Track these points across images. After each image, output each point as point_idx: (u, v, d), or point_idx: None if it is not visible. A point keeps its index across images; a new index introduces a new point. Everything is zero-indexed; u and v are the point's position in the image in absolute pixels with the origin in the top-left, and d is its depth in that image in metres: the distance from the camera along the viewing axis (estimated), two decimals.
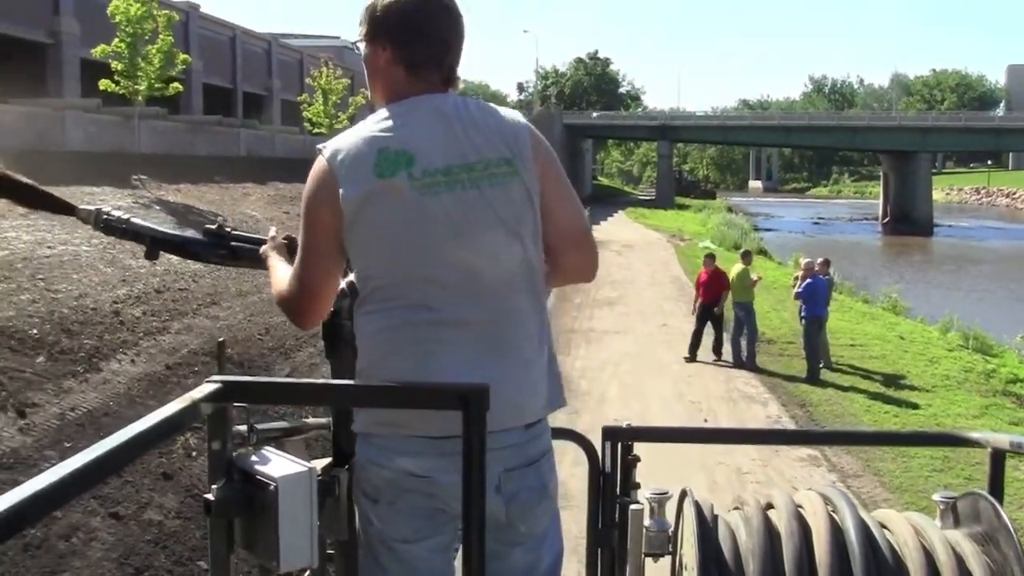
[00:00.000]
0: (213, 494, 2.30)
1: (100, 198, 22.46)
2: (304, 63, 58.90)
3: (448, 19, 2.75)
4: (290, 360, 11.80)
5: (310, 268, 2.66)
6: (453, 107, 2.70)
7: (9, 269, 13.69)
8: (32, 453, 8.03)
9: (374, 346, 2.61)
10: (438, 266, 2.57)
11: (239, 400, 2.36)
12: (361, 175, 2.56)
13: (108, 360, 10.63)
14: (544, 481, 2.70)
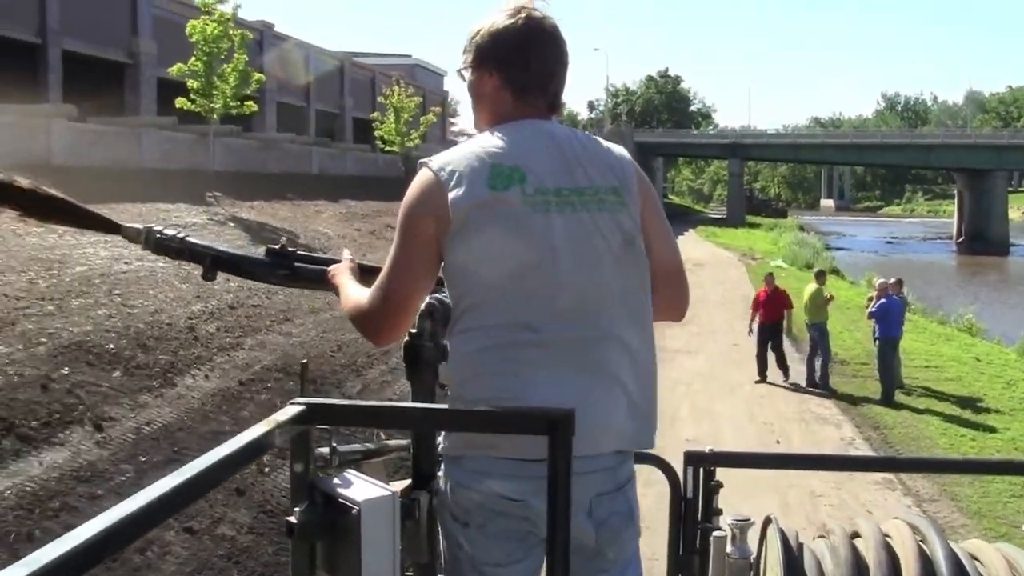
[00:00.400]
0: (296, 517, 2.29)
1: (175, 215, 22.78)
2: (376, 81, 59.32)
3: (554, 46, 2.75)
4: (361, 377, 11.85)
5: (399, 280, 2.63)
6: (562, 133, 2.71)
7: (87, 284, 13.92)
8: (109, 467, 8.13)
9: (471, 366, 2.56)
10: (546, 286, 2.54)
11: (322, 423, 2.35)
12: (473, 186, 2.54)
13: (183, 375, 10.75)
14: (631, 506, 2.66)
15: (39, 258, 15.19)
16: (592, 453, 2.48)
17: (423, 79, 71.01)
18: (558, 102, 2.78)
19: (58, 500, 7.39)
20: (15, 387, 9.07)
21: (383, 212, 34.61)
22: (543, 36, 2.73)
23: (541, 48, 2.73)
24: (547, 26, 2.75)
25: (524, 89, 2.71)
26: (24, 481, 7.55)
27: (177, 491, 1.55)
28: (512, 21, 2.71)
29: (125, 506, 1.44)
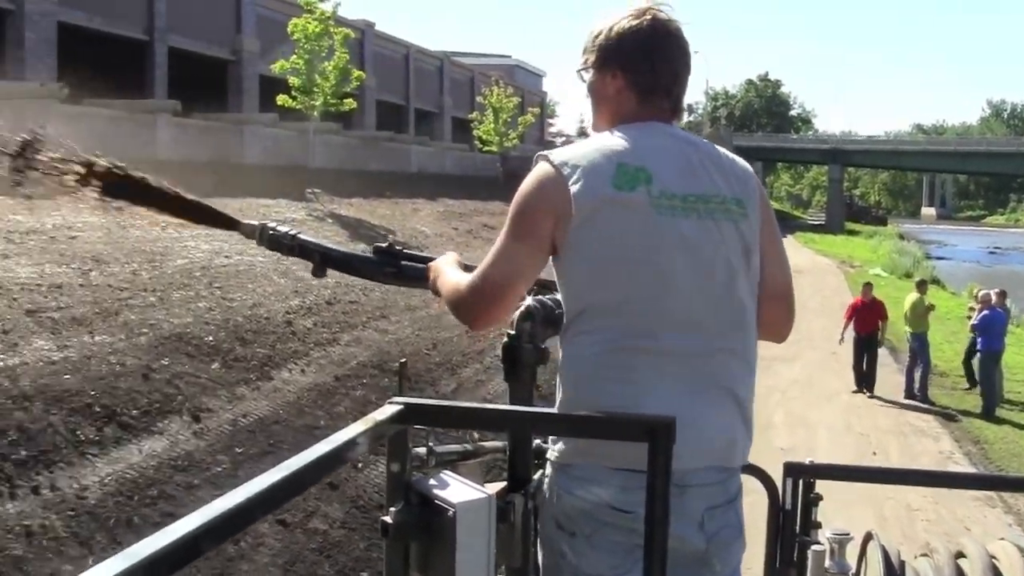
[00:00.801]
0: (391, 517, 2.27)
1: (275, 211, 23.07)
2: (475, 81, 59.61)
3: (680, 48, 2.70)
4: (456, 376, 11.88)
5: (501, 269, 2.58)
6: (687, 138, 2.67)
7: (188, 277, 14.14)
8: (205, 457, 8.24)
9: (584, 370, 2.51)
10: (668, 292, 2.48)
11: (419, 423, 2.33)
12: (596, 184, 2.48)
13: (279, 369, 10.86)
14: (740, 519, 2.61)
15: (142, 250, 15.47)
16: (704, 466, 2.45)
17: (522, 79, 71.20)
18: (680, 106, 2.73)
19: (156, 488, 7.50)
20: (117, 376, 9.23)
21: (480, 211, 34.74)
22: (669, 38, 2.68)
23: (667, 50, 2.67)
24: (673, 28, 2.69)
25: (649, 91, 2.65)
26: (124, 468, 7.67)
27: (277, 487, 1.55)
28: (638, 22, 2.65)
29: (227, 500, 1.43)
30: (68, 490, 7.15)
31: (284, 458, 5.75)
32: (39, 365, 9.04)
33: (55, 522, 6.69)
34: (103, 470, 7.58)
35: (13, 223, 15.25)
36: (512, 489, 2.65)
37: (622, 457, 2.40)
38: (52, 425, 7.95)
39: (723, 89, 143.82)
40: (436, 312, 15.80)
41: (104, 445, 7.97)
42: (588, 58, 2.74)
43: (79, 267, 13.28)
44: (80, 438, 7.92)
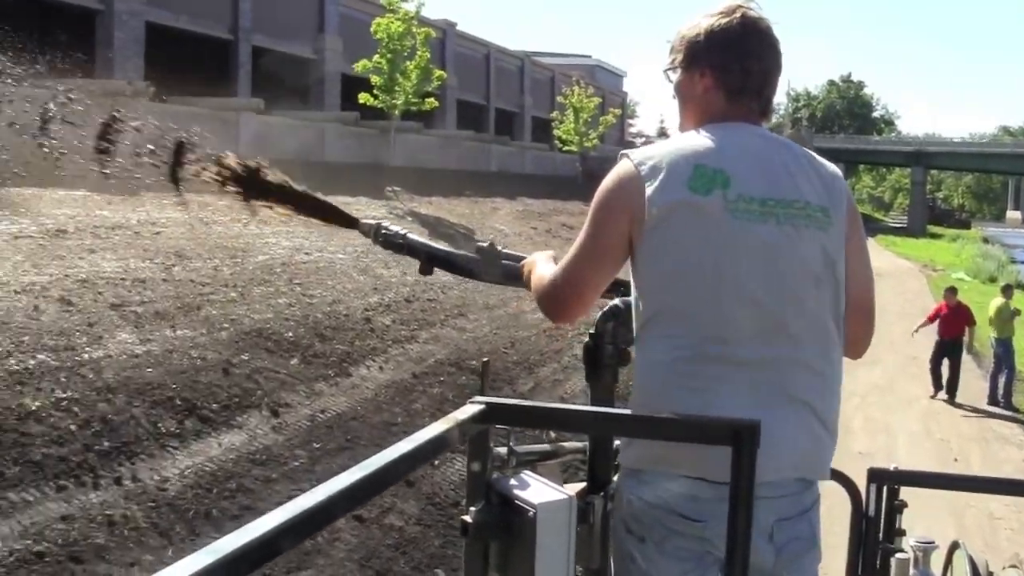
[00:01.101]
0: (471, 516, 2.25)
1: (355, 208, 23.22)
2: (556, 81, 59.59)
3: (770, 47, 2.64)
4: (533, 375, 11.85)
5: (583, 263, 2.56)
6: (774, 141, 2.61)
7: (269, 273, 14.29)
8: (284, 452, 8.30)
9: (655, 375, 2.46)
10: (741, 299, 2.42)
11: (501, 423, 2.31)
12: (672, 185, 2.43)
13: (358, 365, 10.92)
14: (814, 531, 2.53)
15: (224, 246, 15.68)
16: (776, 479, 2.39)
17: (603, 79, 71.06)
18: (770, 107, 2.67)
19: (234, 481, 7.57)
20: (198, 370, 9.34)
21: (559, 211, 34.71)
22: (760, 37, 2.61)
23: (758, 49, 2.61)
24: (763, 26, 2.62)
25: (738, 91, 2.59)
26: (203, 461, 7.76)
27: (359, 485, 1.54)
28: (727, 20, 2.59)
29: (309, 497, 1.42)
30: (149, 481, 7.25)
31: (362, 454, 5.80)
32: (122, 358, 9.18)
33: (136, 513, 6.78)
34: (183, 462, 7.68)
35: (99, 218, 15.54)
36: (592, 490, 2.63)
37: (692, 465, 2.36)
38: (134, 417, 8.07)
39: (805, 90, 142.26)
40: (514, 311, 15.82)
41: (184, 438, 8.07)
42: (676, 57, 2.69)
43: (162, 262, 13.48)
44: (161, 430, 8.03)
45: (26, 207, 15.36)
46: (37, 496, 6.64)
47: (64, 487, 6.83)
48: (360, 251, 18.02)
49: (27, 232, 13.63)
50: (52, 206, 15.83)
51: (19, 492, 6.59)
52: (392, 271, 16.87)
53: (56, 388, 8.13)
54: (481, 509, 2.27)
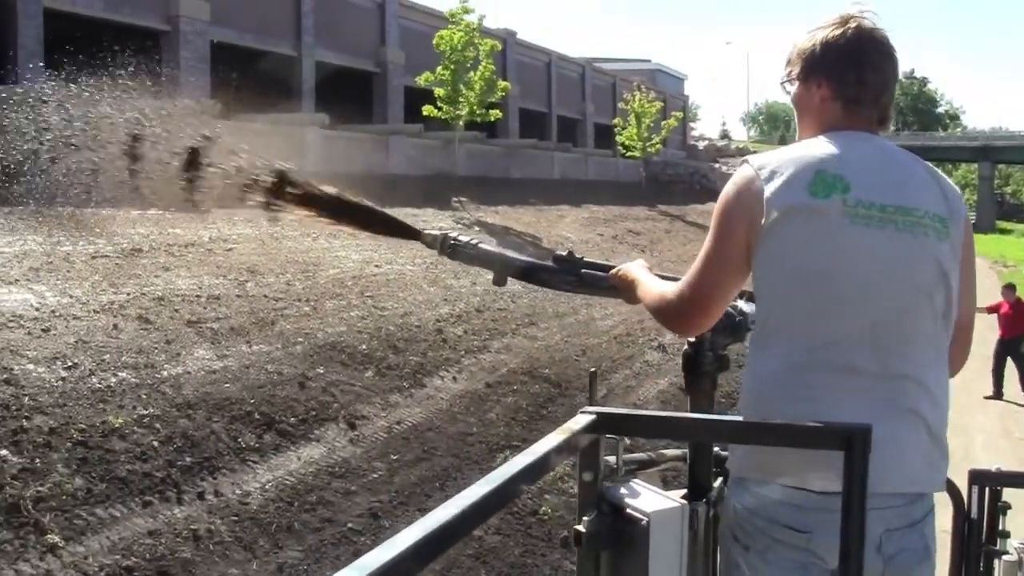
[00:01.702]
0: (584, 526, 2.25)
1: (423, 219, 23.34)
2: (617, 87, 59.43)
3: (886, 56, 2.64)
4: (606, 382, 11.83)
5: (712, 273, 2.55)
6: (896, 151, 2.60)
7: (340, 287, 14.40)
8: (361, 464, 8.35)
9: (767, 384, 2.47)
10: (856, 305, 2.42)
11: (612, 432, 2.31)
12: (792, 188, 2.44)
13: (431, 376, 10.96)
14: (927, 542, 2.49)
15: (295, 260, 15.82)
16: (887, 491, 2.36)
17: (663, 83, 70.79)
18: (889, 115, 2.66)
19: (315, 494, 7.63)
20: (275, 384, 9.43)
21: (624, 216, 34.63)
22: (875, 46, 2.61)
23: (874, 59, 2.61)
24: (878, 36, 2.63)
25: (856, 101, 2.59)
26: (283, 475, 7.83)
27: (487, 498, 1.55)
28: (842, 31, 2.60)
29: (442, 512, 1.44)
30: (231, 496, 7.33)
31: (438, 465, 5.87)
32: (200, 374, 9.30)
33: (220, 527, 6.87)
34: (264, 476, 7.76)
35: (172, 236, 15.75)
36: (693, 497, 2.62)
37: (796, 475, 2.35)
38: (214, 432, 8.17)
39: None
40: (584, 319, 15.81)
41: (264, 452, 8.15)
42: (792, 69, 2.70)
43: (235, 278, 13.63)
44: (241, 445, 8.12)
45: (101, 227, 15.61)
46: (124, 512, 6.75)
47: (149, 502, 6.93)
48: (429, 262, 18.09)
49: (103, 252, 13.84)
50: (126, 226, 16.07)
51: (107, 508, 6.71)
52: (462, 281, 16.92)
53: (138, 405, 8.25)
54: (594, 519, 2.27)
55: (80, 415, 7.81)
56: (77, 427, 7.58)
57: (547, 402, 10.66)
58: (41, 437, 7.30)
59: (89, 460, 7.18)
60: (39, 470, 6.88)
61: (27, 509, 6.38)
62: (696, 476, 2.67)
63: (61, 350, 9.12)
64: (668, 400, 11.45)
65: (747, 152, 76.27)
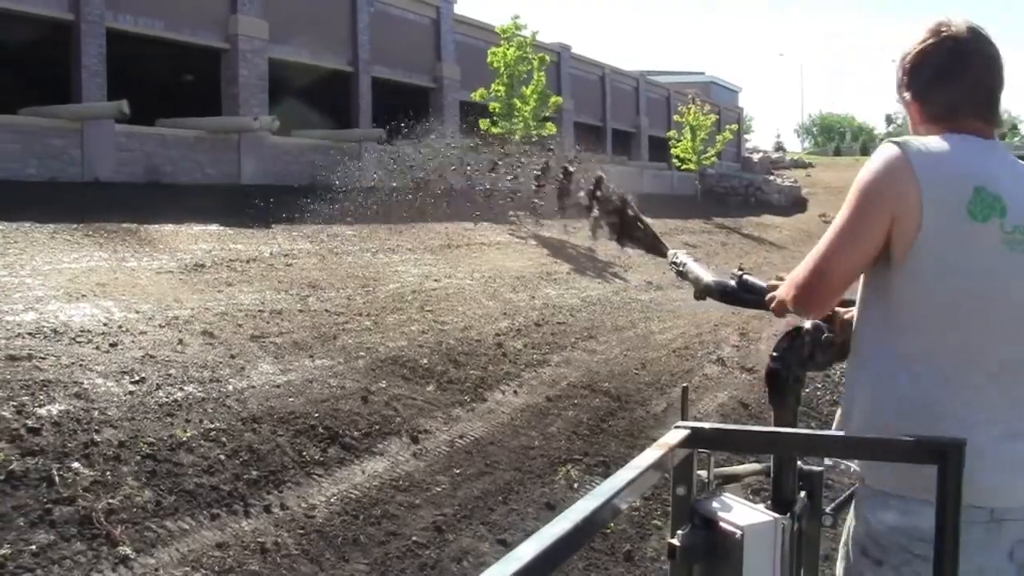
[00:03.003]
0: (679, 540, 2.28)
1: (479, 234, 23.46)
2: (671, 99, 59.34)
3: (994, 60, 2.63)
4: (665, 395, 11.78)
5: (840, 248, 2.53)
6: (1017, 162, 2.60)
7: (400, 301, 14.49)
8: (425, 478, 8.38)
9: (906, 400, 2.47)
10: (1004, 327, 2.45)
11: (705, 447, 2.34)
12: (953, 206, 2.43)
13: (492, 390, 10.99)
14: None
15: (355, 275, 15.94)
16: (1016, 504, 2.39)
17: (718, 96, 70.61)
18: (998, 120, 2.66)
19: (379, 508, 7.67)
20: (338, 398, 9.50)
21: (681, 229, 34.59)
22: (982, 51, 2.61)
23: (981, 64, 2.61)
24: (983, 40, 2.62)
25: (958, 110, 2.59)
26: (348, 488, 7.88)
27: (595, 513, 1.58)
28: (937, 41, 2.61)
29: (556, 527, 1.47)
30: (297, 509, 7.38)
31: (501, 479, 5.92)
32: (265, 388, 9.39)
33: (286, 539, 6.92)
34: (328, 490, 7.81)
35: (234, 251, 15.94)
36: (777, 511, 2.63)
37: (917, 483, 2.35)
38: (279, 446, 8.24)
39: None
40: (643, 332, 15.78)
41: (328, 465, 8.21)
42: (900, 79, 2.72)
43: (297, 293, 13.76)
44: (306, 459, 8.18)
45: (164, 243, 15.82)
46: (192, 524, 6.82)
47: (217, 515, 7.00)
48: (487, 277, 18.18)
49: (167, 267, 14.03)
50: (189, 241, 16.28)
51: (176, 521, 6.78)
52: (520, 295, 16.97)
53: (204, 419, 8.35)
54: (688, 532, 2.30)
55: (148, 429, 7.92)
56: (145, 440, 7.68)
57: (608, 416, 10.64)
58: (111, 450, 7.40)
59: (158, 473, 7.28)
60: (110, 483, 6.98)
61: (99, 521, 6.47)
62: (781, 490, 2.69)
63: (129, 364, 9.26)
64: (728, 414, 11.38)
65: (802, 164, 75.94)
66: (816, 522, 2.81)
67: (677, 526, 2.31)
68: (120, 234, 15.84)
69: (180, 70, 31.53)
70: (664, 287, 21.64)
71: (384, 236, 20.70)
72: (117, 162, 22.82)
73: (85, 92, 23.01)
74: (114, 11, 24.16)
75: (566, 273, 20.97)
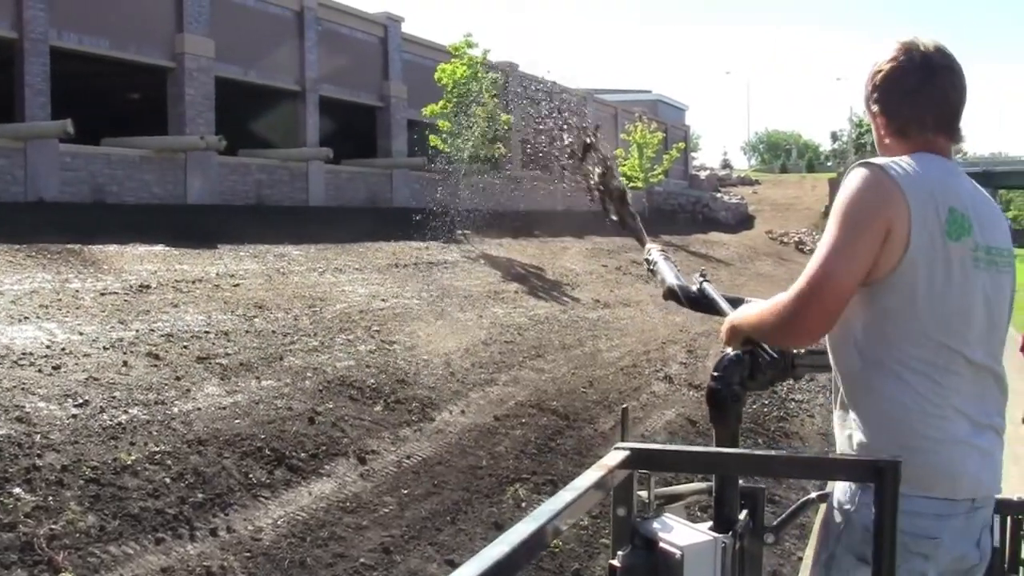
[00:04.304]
0: (619, 561, 2.30)
1: (428, 253, 23.42)
2: (618, 117, 59.57)
3: (958, 78, 2.72)
4: (613, 414, 11.79)
5: (841, 264, 2.50)
6: (974, 183, 2.72)
7: (347, 321, 14.44)
8: (372, 499, 8.36)
9: (909, 414, 2.55)
10: (975, 335, 2.57)
11: (646, 467, 2.35)
12: (935, 226, 2.52)
13: (440, 410, 10.98)
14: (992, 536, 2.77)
15: (301, 295, 15.87)
16: (986, 495, 2.62)
17: (665, 114, 70.91)
18: (959, 137, 2.73)
19: (326, 530, 7.64)
20: (285, 420, 9.46)
21: (628, 247, 34.63)
22: (949, 70, 2.71)
23: (948, 82, 2.70)
24: (951, 60, 2.72)
25: (935, 126, 2.68)
26: (295, 511, 7.84)
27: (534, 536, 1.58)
28: (905, 59, 2.70)
29: (494, 550, 1.47)
30: (243, 532, 7.34)
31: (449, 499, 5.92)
32: (211, 410, 9.34)
33: (232, 563, 6.87)
34: (275, 512, 7.77)
35: (179, 272, 15.82)
36: (718, 530, 2.65)
37: (942, 487, 2.53)
38: (225, 468, 8.19)
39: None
40: (590, 350, 15.82)
41: (275, 488, 8.17)
42: (868, 93, 2.80)
43: (244, 314, 13.68)
44: (252, 481, 8.14)
45: (108, 264, 15.67)
46: (137, 549, 6.76)
47: (162, 539, 6.95)
48: (435, 296, 18.16)
49: (111, 288, 13.90)
50: (134, 262, 16.14)
51: (120, 546, 6.72)
52: (468, 315, 16.97)
53: (149, 442, 8.28)
54: (628, 553, 2.32)
55: (92, 452, 7.85)
56: (89, 464, 7.61)
57: (556, 434, 10.65)
58: (53, 475, 7.33)
59: (101, 497, 7.21)
60: (52, 508, 6.91)
61: (41, 547, 6.40)
62: (722, 509, 2.71)
63: (72, 387, 9.17)
64: (675, 431, 11.45)
65: (749, 181, 76.47)
66: (758, 540, 2.82)
67: (618, 547, 2.33)
68: (64, 255, 15.68)
69: (126, 89, 31.26)
70: (612, 305, 21.71)
71: (331, 256, 20.62)
72: (62, 182, 22.59)
73: (28, 111, 22.75)
74: (58, 29, 23.91)
75: (514, 292, 20.98)
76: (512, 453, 9.87)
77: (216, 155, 26.57)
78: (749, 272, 36.67)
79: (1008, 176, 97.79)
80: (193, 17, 27.63)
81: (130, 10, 26.31)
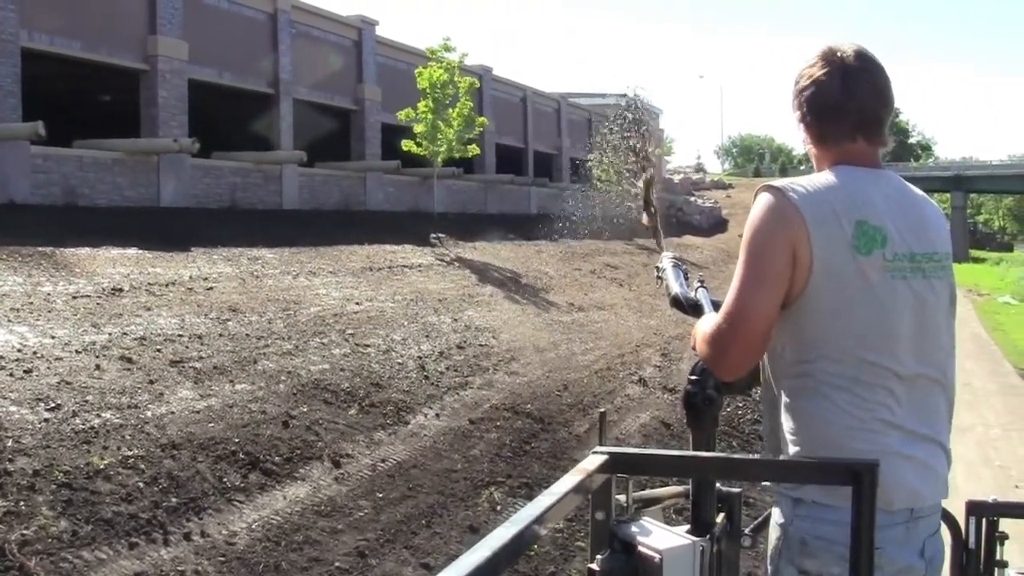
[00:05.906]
0: (598, 564, 2.30)
1: (402, 256, 23.40)
2: (592, 121, 59.68)
3: (882, 84, 2.72)
4: (588, 416, 11.80)
5: (755, 297, 2.53)
6: (907, 189, 2.72)
7: (321, 325, 14.41)
8: (347, 502, 8.33)
9: (835, 430, 2.55)
10: (900, 347, 2.56)
11: (623, 471, 2.36)
12: (837, 243, 2.52)
13: (414, 413, 10.96)
14: (942, 544, 2.72)
15: (276, 299, 15.83)
16: (929, 504, 2.60)
17: None
18: (886, 142, 2.74)
19: (301, 534, 7.61)
20: (259, 423, 9.42)
21: (602, 251, 34.77)
22: (870, 76, 2.70)
23: (869, 89, 2.70)
24: (871, 65, 2.71)
25: (857, 134, 2.68)
26: (269, 514, 7.81)
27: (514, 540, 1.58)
28: (828, 69, 2.70)
29: (474, 555, 1.47)
30: (217, 536, 7.30)
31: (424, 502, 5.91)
32: (185, 414, 9.29)
33: (207, 567, 6.83)
34: (250, 516, 7.73)
35: (152, 275, 15.75)
36: (696, 533, 2.66)
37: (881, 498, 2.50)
38: (199, 472, 8.15)
39: None
40: (565, 354, 15.84)
41: (249, 491, 8.13)
42: (792, 103, 2.80)
43: (217, 317, 13.63)
44: (226, 485, 8.09)
45: (81, 267, 15.58)
46: (110, 554, 6.71)
47: (136, 544, 6.90)
48: (409, 300, 18.13)
49: (84, 292, 13.82)
50: (106, 265, 16.05)
51: (92, 551, 6.67)
52: (442, 318, 16.96)
53: (122, 446, 8.23)
54: (607, 557, 2.32)
55: (64, 457, 7.79)
56: (61, 469, 7.55)
57: (530, 438, 10.65)
58: (25, 480, 7.27)
59: (74, 502, 7.15)
60: (23, 513, 6.85)
61: (12, 553, 6.34)
62: (699, 513, 2.72)
63: (44, 391, 9.11)
64: (650, 434, 11.45)
65: (722, 185, 76.79)
66: (735, 543, 2.85)
67: (596, 551, 2.33)
68: (35, 258, 15.59)
69: (98, 91, 31.12)
70: (586, 308, 21.74)
71: (305, 259, 20.58)
72: (33, 184, 22.46)
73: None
74: (29, 30, 23.77)
75: (488, 295, 20.99)
76: (487, 456, 9.86)
77: (189, 157, 26.49)
78: (723, 275, 36.76)
79: (978, 180, 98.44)
80: (166, 19, 27.53)
81: (102, 12, 26.21)
